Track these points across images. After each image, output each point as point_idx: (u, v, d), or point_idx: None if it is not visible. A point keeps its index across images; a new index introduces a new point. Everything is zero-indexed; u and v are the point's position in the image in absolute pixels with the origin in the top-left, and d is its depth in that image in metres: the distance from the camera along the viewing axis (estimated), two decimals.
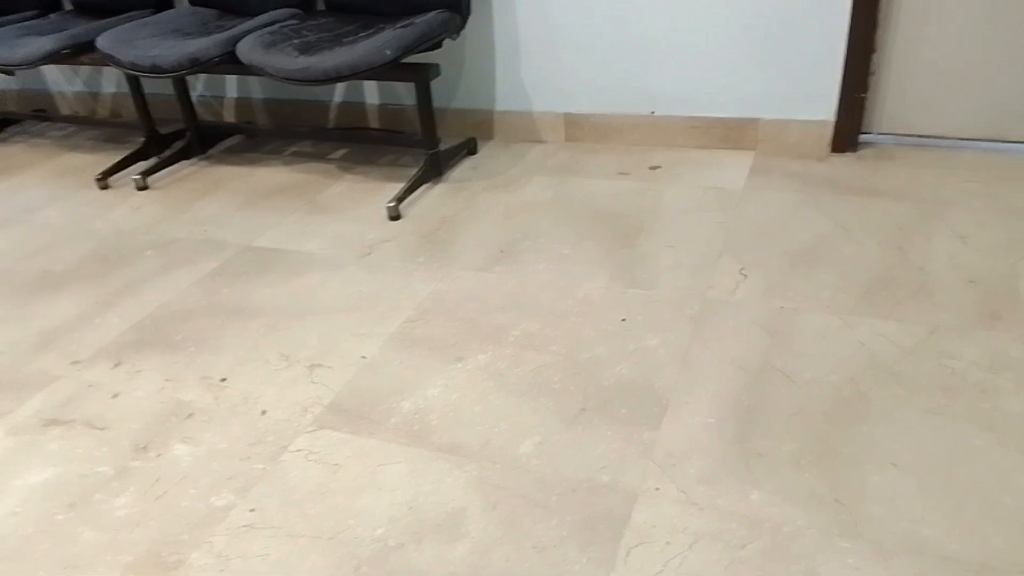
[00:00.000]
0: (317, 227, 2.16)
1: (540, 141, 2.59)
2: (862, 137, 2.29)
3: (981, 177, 2.06)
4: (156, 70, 2.18)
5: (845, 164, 2.22)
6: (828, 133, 2.26)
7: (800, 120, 2.27)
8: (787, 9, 2.14)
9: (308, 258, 2.01)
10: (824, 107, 2.23)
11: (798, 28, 2.15)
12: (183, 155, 2.71)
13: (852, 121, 2.22)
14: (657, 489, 1.21)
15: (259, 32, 2.23)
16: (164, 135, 2.76)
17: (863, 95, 2.20)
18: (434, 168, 2.38)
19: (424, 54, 2.47)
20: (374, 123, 2.79)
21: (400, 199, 2.22)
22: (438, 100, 2.65)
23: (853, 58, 2.14)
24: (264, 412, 1.46)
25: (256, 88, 2.90)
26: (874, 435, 1.28)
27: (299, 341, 1.67)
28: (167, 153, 2.69)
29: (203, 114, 3.00)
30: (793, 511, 1.15)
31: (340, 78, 2.02)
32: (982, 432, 1.26)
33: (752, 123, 2.32)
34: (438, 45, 2.29)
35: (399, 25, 2.13)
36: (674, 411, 1.37)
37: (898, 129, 2.27)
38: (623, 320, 1.64)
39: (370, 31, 2.16)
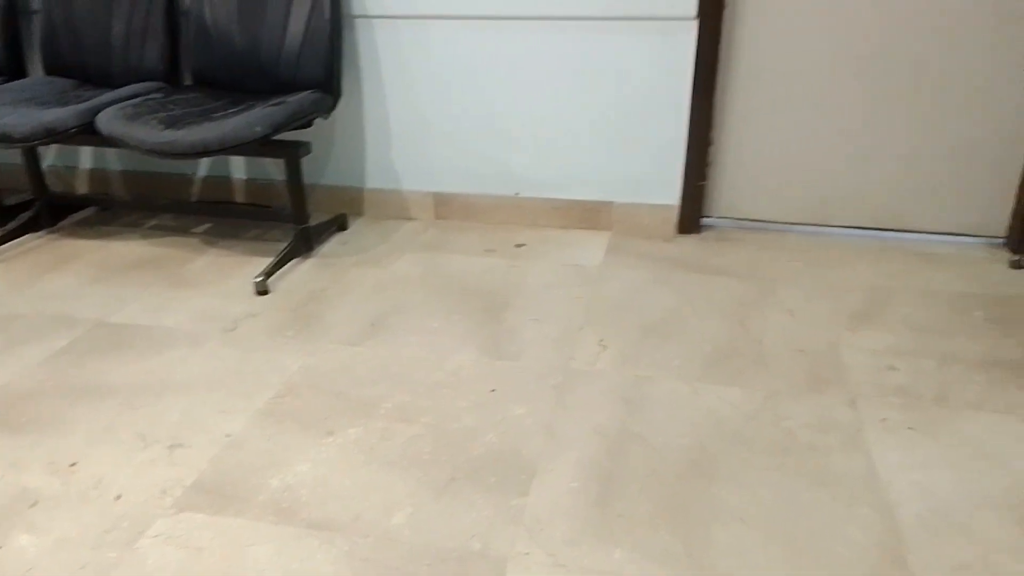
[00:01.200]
0: (178, 302, 2.10)
1: (410, 219, 2.66)
2: (704, 221, 2.53)
3: (806, 258, 2.32)
4: (6, 139, 2.08)
5: (690, 245, 2.43)
6: (674, 217, 2.47)
7: (649, 204, 2.47)
8: (636, 104, 2.36)
9: (168, 334, 1.94)
10: (670, 193, 2.45)
11: (646, 122, 2.37)
12: (30, 227, 2.57)
13: (694, 206, 2.45)
14: (527, 554, 1.25)
15: (121, 104, 2.19)
16: (9, 206, 2.60)
17: (703, 183, 2.44)
18: (303, 243, 2.38)
19: (294, 131, 2.51)
20: (240, 197, 2.77)
21: (268, 274, 2.20)
22: (308, 176, 2.68)
23: (693, 150, 2.38)
24: (118, 496, 1.39)
25: (113, 159, 2.81)
26: (721, 494, 1.39)
27: (158, 420, 1.61)
28: (12, 225, 2.54)
29: (54, 184, 2.86)
30: (651, 567, 1.22)
31: (207, 153, 2.01)
32: (814, 487, 1.40)
33: (607, 206, 2.51)
34: (309, 124, 2.34)
35: (270, 103, 2.17)
36: (541, 477, 1.43)
37: (735, 214, 2.52)
38: (492, 391, 1.70)
39: (240, 107, 2.18)
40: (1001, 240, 2.35)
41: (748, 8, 2.25)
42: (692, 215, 2.47)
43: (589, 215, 2.53)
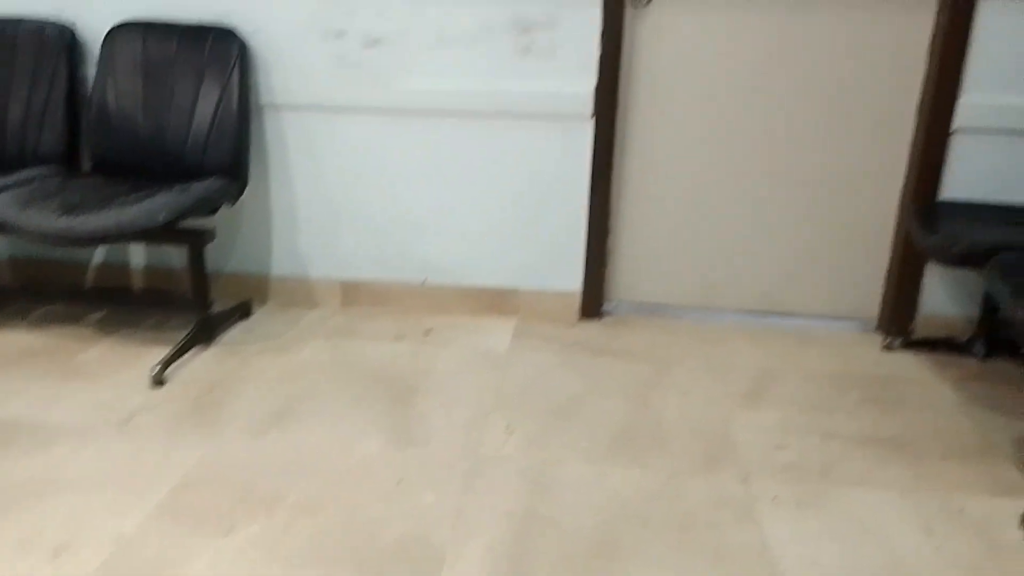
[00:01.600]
0: (68, 395, 2.01)
1: (317, 306, 2.66)
2: (605, 306, 2.64)
3: (699, 339, 2.45)
4: None
5: (592, 329, 2.52)
6: (576, 303, 2.57)
7: (553, 291, 2.57)
8: (539, 195, 2.47)
9: (56, 429, 1.85)
10: (572, 280, 2.56)
11: (549, 212, 2.49)
12: None
13: (595, 292, 2.56)
14: None
15: (15, 189, 2.13)
16: None
17: (603, 270, 2.56)
18: (205, 331, 2.34)
19: (198, 218, 2.49)
20: (139, 284, 2.70)
21: (166, 363, 2.14)
22: (212, 263, 2.64)
23: (592, 238, 2.50)
24: None
25: (0, 244, 2.70)
26: (628, 572, 1.42)
27: (40, 523, 1.51)
28: None
29: None
30: None
31: (106, 240, 1.97)
32: (712, 564, 1.46)
33: (513, 292, 2.58)
34: (214, 211, 2.33)
35: (174, 190, 2.15)
36: (451, 565, 1.42)
37: (634, 298, 2.65)
38: (400, 480, 1.69)
39: (142, 194, 2.15)
40: (873, 323, 2.55)
41: (639, 108, 2.44)
42: (594, 301, 2.57)
43: (496, 301, 2.60)
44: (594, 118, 2.38)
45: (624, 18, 2.33)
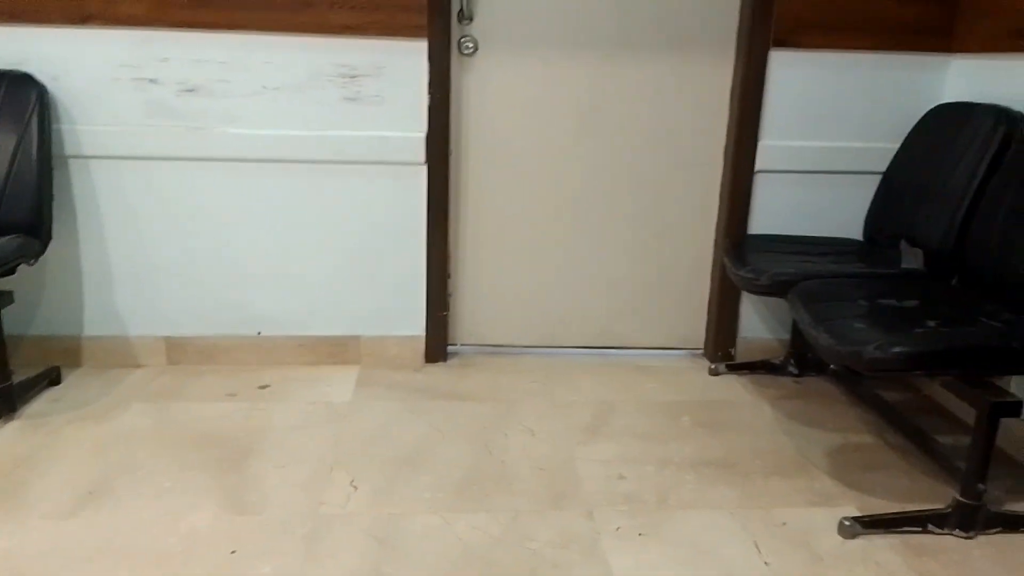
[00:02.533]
0: None
1: (139, 366, 2.46)
2: (449, 348, 2.63)
3: (540, 377, 2.50)
4: None
5: (438, 372, 2.51)
6: (420, 347, 2.55)
7: (396, 336, 2.53)
8: (377, 241, 2.44)
9: None
10: (415, 324, 2.53)
11: (388, 257, 2.46)
12: None
13: (439, 335, 2.55)
14: None
15: None
16: None
17: (445, 313, 2.56)
18: (5, 404, 2.09)
19: None
20: None
21: None
22: (12, 327, 2.39)
23: (433, 282, 2.50)
24: None
25: None
26: None
27: None
28: None
29: None
30: None
31: None
32: None
33: (355, 340, 2.52)
34: (12, 271, 2.11)
35: None
36: None
37: (476, 340, 2.66)
38: (232, 552, 1.58)
39: None
40: (700, 351, 2.71)
41: (471, 154, 2.48)
42: (437, 344, 2.56)
43: (336, 350, 2.52)
44: (427, 164, 2.39)
45: (451, 67, 2.37)
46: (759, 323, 2.64)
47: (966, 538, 1.68)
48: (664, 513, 1.77)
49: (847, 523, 1.69)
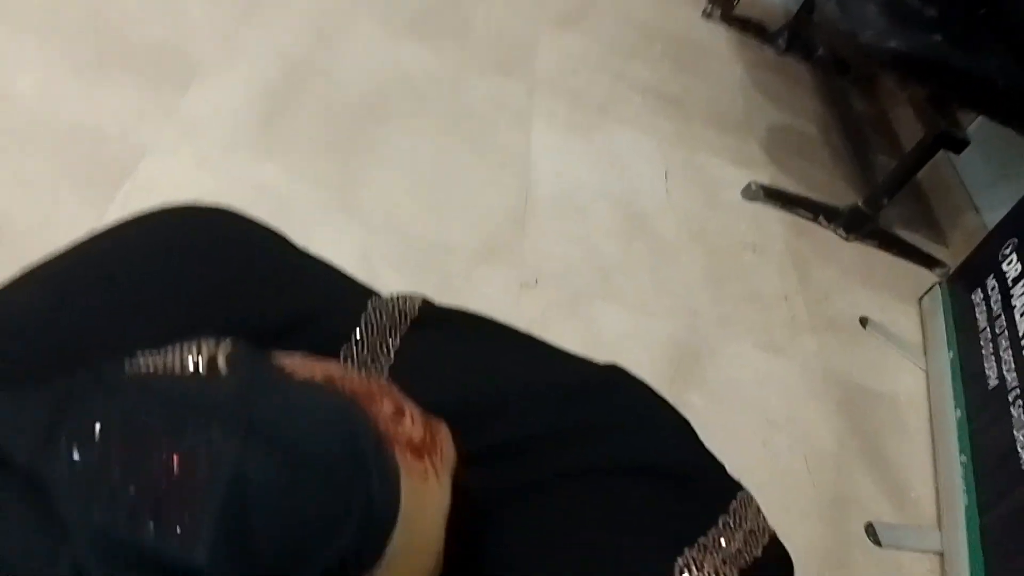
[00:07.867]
0: None
1: None
2: None
3: None
4: None
5: None
6: None
7: None
8: None
9: None
10: None
11: None
12: None
13: None
14: (171, 150, 1.20)
15: None
16: None
17: None
18: None
19: None
20: None
21: None
22: None
23: None
24: None
25: None
26: (388, 141, 1.44)
27: None
28: None
29: None
30: (301, 188, 1.26)
31: None
32: (473, 153, 1.52)
33: None
34: None
35: None
36: (205, 81, 1.34)
37: None
38: None
39: None
40: None
41: None
42: None
43: None
44: None
45: None
46: None
47: (844, 239, 1.81)
48: (599, 119, 1.79)
49: (753, 187, 1.77)
